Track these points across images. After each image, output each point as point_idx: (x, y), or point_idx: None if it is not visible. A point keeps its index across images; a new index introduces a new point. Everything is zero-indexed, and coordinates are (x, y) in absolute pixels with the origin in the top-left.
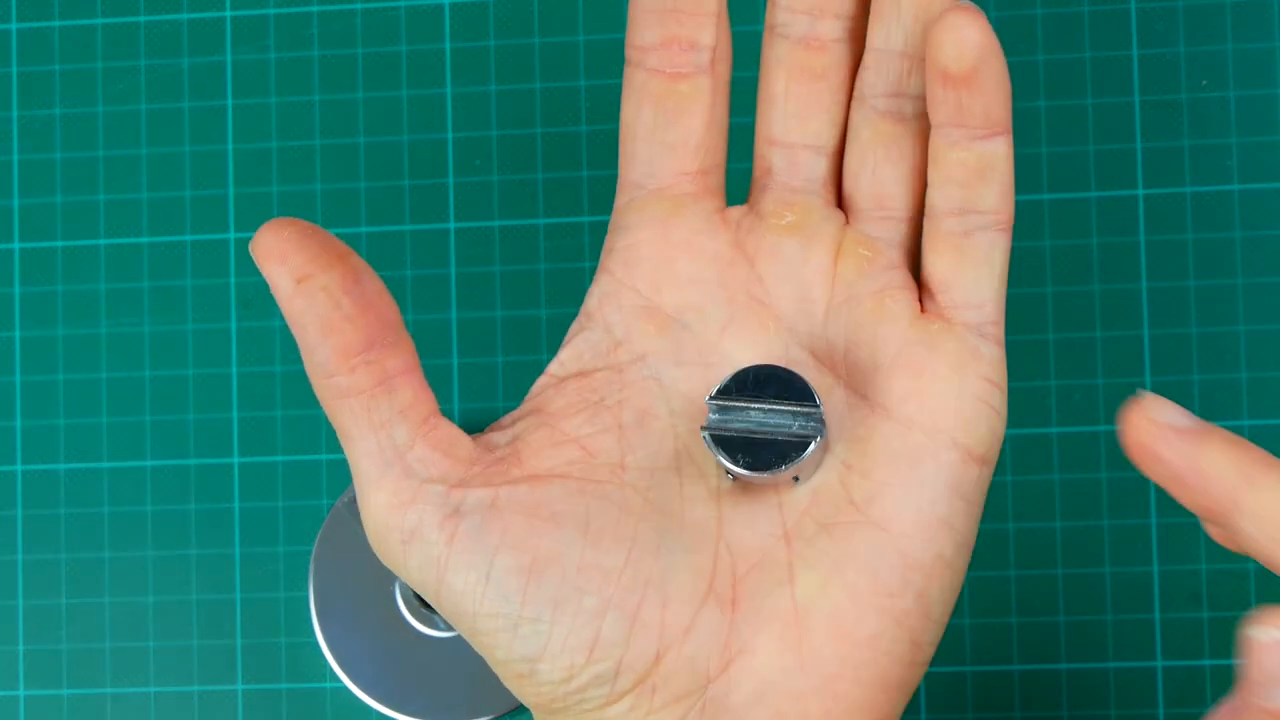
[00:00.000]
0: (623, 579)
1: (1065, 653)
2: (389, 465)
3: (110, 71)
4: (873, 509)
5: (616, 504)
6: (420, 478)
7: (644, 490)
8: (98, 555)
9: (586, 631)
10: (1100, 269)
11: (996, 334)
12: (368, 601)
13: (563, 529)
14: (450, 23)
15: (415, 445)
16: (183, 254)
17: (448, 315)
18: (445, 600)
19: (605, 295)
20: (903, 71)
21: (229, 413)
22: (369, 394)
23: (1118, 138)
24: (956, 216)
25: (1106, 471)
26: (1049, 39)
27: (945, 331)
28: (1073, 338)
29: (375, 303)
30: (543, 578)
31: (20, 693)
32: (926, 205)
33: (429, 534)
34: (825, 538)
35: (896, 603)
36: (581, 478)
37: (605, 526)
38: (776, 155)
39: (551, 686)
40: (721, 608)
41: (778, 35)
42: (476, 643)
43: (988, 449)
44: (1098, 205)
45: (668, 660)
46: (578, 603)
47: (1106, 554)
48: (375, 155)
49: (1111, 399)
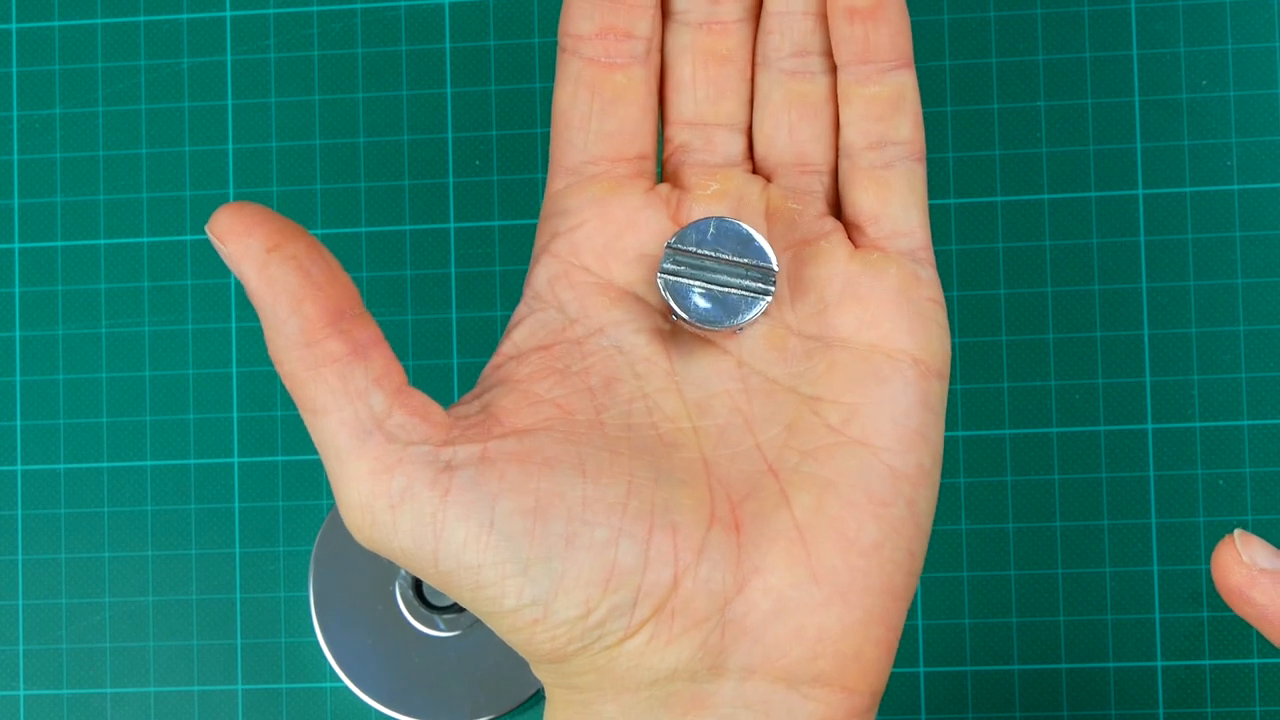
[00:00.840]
0: (629, 509)
1: (1065, 653)
2: (368, 434)
3: (110, 71)
4: (851, 429)
5: (605, 448)
6: (403, 441)
7: (626, 440)
8: (98, 555)
9: (601, 562)
10: (1100, 269)
11: (929, 258)
12: (368, 601)
13: (559, 470)
14: (450, 23)
15: (393, 412)
16: (183, 254)
17: (448, 315)
18: (444, 558)
19: (554, 277)
20: (806, 30)
21: (229, 413)
22: (344, 362)
23: (1118, 138)
24: (876, 150)
25: (1106, 471)
26: (1049, 39)
27: (884, 260)
28: (1073, 338)
29: (339, 274)
30: (549, 516)
31: (20, 693)
32: (842, 145)
33: (421, 492)
34: (811, 462)
35: (891, 511)
36: (565, 430)
37: (601, 466)
38: (691, 134)
39: (568, 625)
40: (727, 531)
41: (679, 22)
42: (480, 597)
43: (943, 363)
44: (1098, 205)
45: (685, 583)
46: (589, 535)
47: (1106, 554)
48: (375, 155)
49: (1111, 399)
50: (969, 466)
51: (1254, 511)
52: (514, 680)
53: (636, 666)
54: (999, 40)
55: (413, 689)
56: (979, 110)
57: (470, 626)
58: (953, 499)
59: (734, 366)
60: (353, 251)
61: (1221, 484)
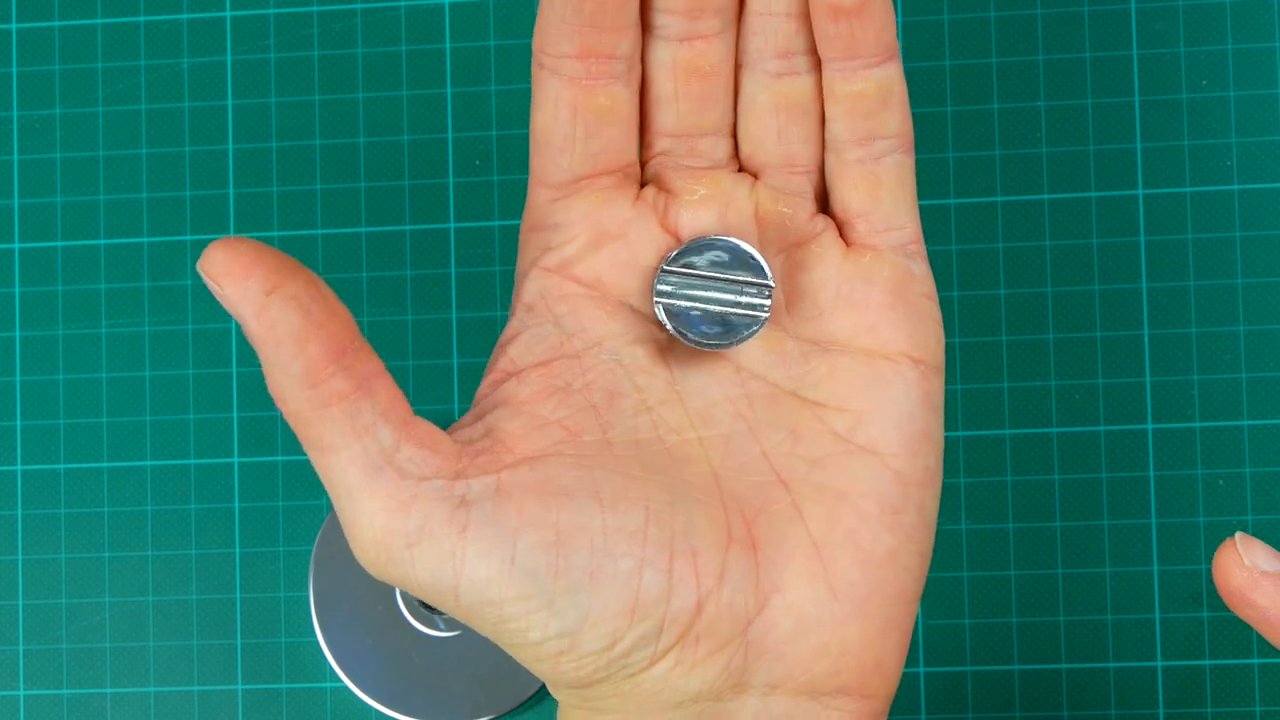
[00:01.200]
0: (649, 537)
1: (1065, 653)
2: (378, 470)
3: (110, 71)
4: (858, 436)
5: (618, 472)
6: (415, 476)
7: (636, 459)
8: (98, 555)
9: (626, 593)
10: (1100, 269)
11: (920, 250)
12: (368, 601)
13: (576, 500)
14: (450, 23)
15: (401, 445)
16: (183, 254)
17: (448, 315)
18: (465, 595)
19: (546, 291)
20: (790, 31)
21: (229, 413)
22: (350, 399)
23: (1118, 138)
24: (864, 145)
25: (1106, 471)
26: (1049, 39)
27: (877, 260)
28: (1073, 338)
29: (338, 308)
30: (571, 549)
31: (20, 693)
32: (828, 140)
33: (438, 529)
34: (819, 472)
35: (903, 519)
36: (575, 454)
37: (616, 491)
38: (673, 144)
39: (594, 656)
40: (745, 551)
41: (659, 38)
42: (503, 630)
43: (940, 358)
44: (1098, 205)
45: (708, 608)
46: (613, 567)
47: (1106, 554)
48: (375, 155)
49: (1111, 399)
50: (969, 466)
51: (1254, 511)
52: (514, 680)
53: (661, 690)
54: (999, 40)
55: (413, 689)
56: (979, 110)
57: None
58: (953, 499)
59: (733, 373)
60: (353, 251)
61: (1221, 484)
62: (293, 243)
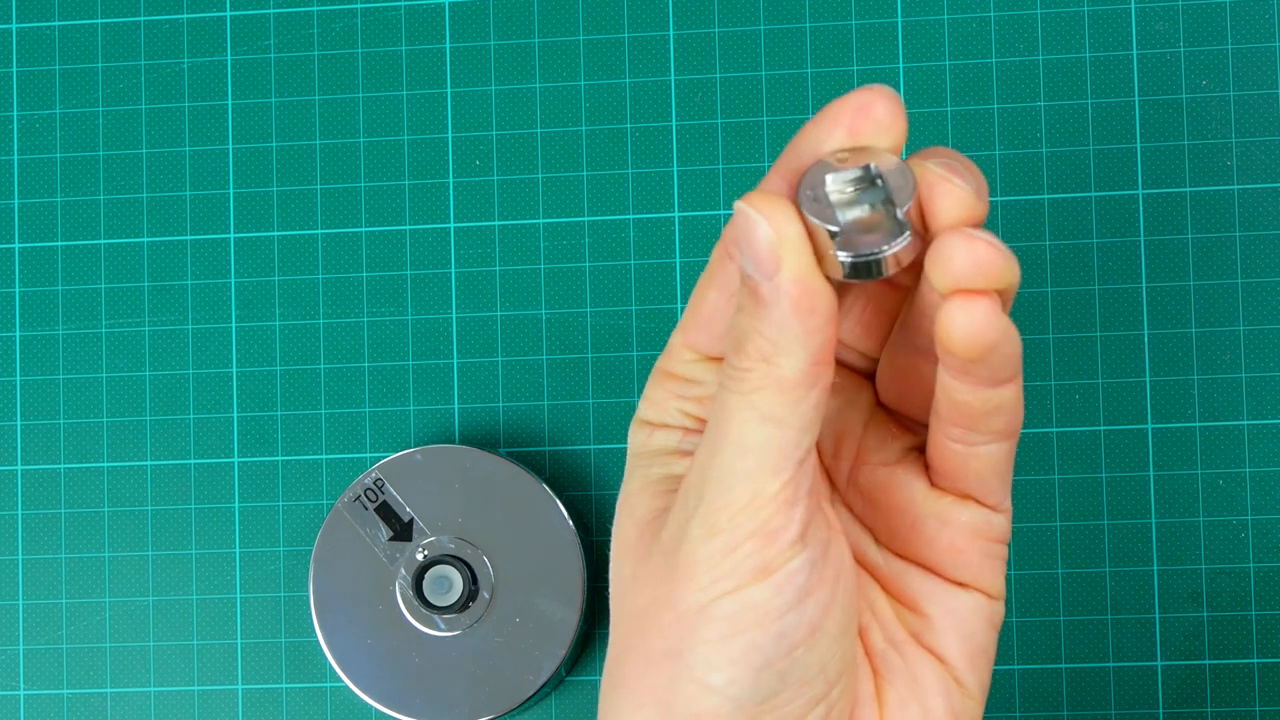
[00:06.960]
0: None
1: (1065, 653)
2: (799, 463)
3: (110, 71)
4: (926, 639)
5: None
6: (809, 489)
7: None
8: (98, 555)
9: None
10: (1100, 269)
11: (1005, 506)
12: (368, 601)
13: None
14: (450, 23)
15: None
16: (183, 254)
17: (448, 315)
18: (779, 593)
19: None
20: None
21: (229, 413)
22: (820, 391)
23: (1118, 138)
24: (961, 434)
25: (1106, 471)
26: (1049, 39)
27: (957, 505)
28: (1073, 338)
29: None
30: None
31: (20, 693)
32: (933, 406)
33: (816, 534)
34: (895, 654)
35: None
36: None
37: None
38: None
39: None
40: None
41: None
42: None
43: (1002, 588)
44: (1098, 205)
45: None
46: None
47: (1106, 554)
48: (375, 155)
49: (1111, 399)
50: None
51: (1254, 511)
52: (514, 680)
53: None
54: (999, 40)
55: (413, 689)
56: (979, 110)
57: (470, 627)
58: None
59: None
60: (353, 251)
61: (1221, 484)
62: (293, 243)
